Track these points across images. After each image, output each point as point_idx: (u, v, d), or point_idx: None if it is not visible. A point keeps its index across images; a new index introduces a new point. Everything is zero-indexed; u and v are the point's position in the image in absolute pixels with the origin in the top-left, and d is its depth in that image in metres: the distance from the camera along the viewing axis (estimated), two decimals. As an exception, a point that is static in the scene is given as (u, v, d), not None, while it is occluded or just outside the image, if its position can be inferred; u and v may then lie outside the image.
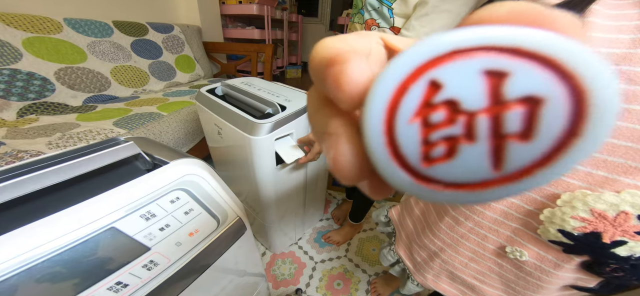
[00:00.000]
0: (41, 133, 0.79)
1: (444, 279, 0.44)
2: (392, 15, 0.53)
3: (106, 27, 1.21)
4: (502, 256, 0.34)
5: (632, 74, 0.20)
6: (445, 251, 0.40)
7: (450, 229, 0.38)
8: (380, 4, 0.53)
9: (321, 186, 1.01)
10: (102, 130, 0.84)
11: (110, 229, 0.26)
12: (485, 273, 0.37)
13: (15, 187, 0.24)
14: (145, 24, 1.38)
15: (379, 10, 0.54)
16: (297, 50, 3.76)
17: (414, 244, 0.47)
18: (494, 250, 0.34)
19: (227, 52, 1.84)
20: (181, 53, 1.53)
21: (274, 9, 2.56)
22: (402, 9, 0.50)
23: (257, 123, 0.57)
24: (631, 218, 0.21)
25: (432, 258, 0.43)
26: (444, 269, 0.42)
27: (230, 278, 0.50)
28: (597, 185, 0.22)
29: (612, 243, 0.22)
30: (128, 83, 1.24)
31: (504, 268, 0.35)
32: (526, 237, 0.30)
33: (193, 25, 1.67)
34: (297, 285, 0.92)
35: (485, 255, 0.36)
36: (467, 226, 0.35)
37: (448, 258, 0.40)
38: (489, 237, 0.33)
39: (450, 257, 0.40)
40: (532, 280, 0.32)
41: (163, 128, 0.95)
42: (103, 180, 0.31)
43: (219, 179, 0.40)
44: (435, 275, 0.44)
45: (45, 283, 0.22)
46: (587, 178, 0.23)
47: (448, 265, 0.41)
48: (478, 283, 0.39)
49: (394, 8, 0.52)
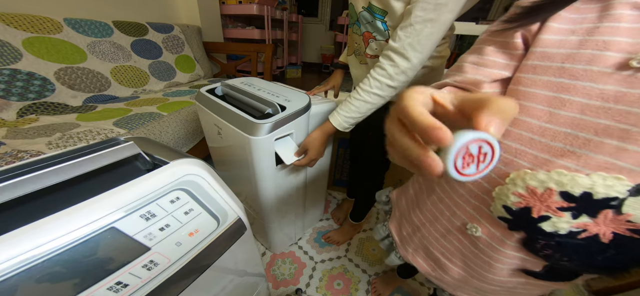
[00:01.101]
0: (41, 133, 0.79)
1: (420, 253, 0.48)
2: (386, 28, 0.53)
3: (106, 27, 1.21)
4: (463, 233, 0.37)
5: (574, 70, 0.23)
6: (425, 226, 0.44)
7: (433, 205, 0.42)
8: (373, 18, 0.53)
9: (321, 186, 1.01)
10: (102, 130, 0.84)
11: (110, 229, 0.26)
12: (451, 249, 0.40)
13: (15, 187, 0.24)
14: (145, 24, 1.38)
15: (372, 23, 0.54)
16: (297, 50, 3.76)
17: (404, 219, 0.51)
18: (458, 227, 0.38)
19: (227, 52, 1.84)
20: (181, 53, 1.53)
21: (274, 9, 2.56)
22: (393, 21, 0.50)
23: (257, 123, 0.57)
24: (554, 194, 0.24)
25: (415, 232, 0.47)
26: (421, 244, 0.46)
27: (230, 278, 0.50)
28: (539, 165, 0.25)
29: (539, 217, 0.26)
30: (128, 83, 1.24)
31: (464, 245, 0.38)
32: (482, 214, 0.33)
33: (193, 25, 1.67)
34: (297, 285, 0.93)
35: (452, 232, 0.39)
36: (446, 202, 0.39)
37: (426, 233, 0.44)
38: (457, 213, 0.37)
39: (428, 232, 0.44)
40: (484, 257, 0.35)
41: (163, 128, 0.95)
42: (103, 180, 0.31)
43: (219, 179, 0.40)
44: (414, 249, 0.49)
45: (45, 283, 0.22)
46: (533, 160, 0.26)
47: (425, 240, 0.45)
48: (444, 259, 0.42)
49: (387, 21, 0.52)
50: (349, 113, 0.57)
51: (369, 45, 0.59)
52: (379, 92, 0.51)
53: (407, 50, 0.44)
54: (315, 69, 4.35)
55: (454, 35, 2.03)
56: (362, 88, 0.54)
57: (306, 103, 0.66)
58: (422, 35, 0.42)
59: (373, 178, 0.90)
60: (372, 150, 0.83)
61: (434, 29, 0.42)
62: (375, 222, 1.23)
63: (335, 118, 0.59)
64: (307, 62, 4.41)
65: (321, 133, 0.62)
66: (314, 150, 0.62)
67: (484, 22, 1.77)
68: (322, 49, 4.15)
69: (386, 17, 0.50)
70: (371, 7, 0.51)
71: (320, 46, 4.18)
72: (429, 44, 0.44)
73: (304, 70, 3.97)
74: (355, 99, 0.55)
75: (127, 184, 0.28)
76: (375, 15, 0.52)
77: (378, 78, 0.50)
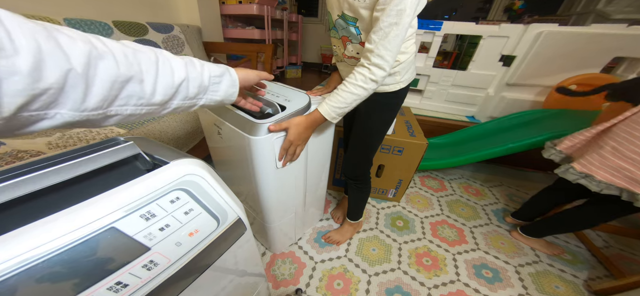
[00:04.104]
0: (41, 133, 0.79)
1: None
2: (358, 33, 0.60)
3: (106, 27, 1.21)
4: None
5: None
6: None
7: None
8: (346, 24, 0.60)
9: (321, 186, 1.01)
10: (102, 130, 0.84)
11: (110, 229, 0.26)
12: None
13: (15, 187, 0.24)
14: (145, 24, 1.38)
15: (346, 29, 0.62)
16: (297, 50, 3.75)
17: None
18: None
19: (227, 52, 1.84)
20: (181, 53, 1.53)
21: (274, 9, 2.56)
22: (363, 25, 0.58)
23: (257, 123, 0.57)
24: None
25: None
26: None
27: (230, 278, 0.50)
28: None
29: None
30: (128, 83, 1.24)
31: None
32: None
33: (193, 25, 1.67)
34: (297, 285, 0.92)
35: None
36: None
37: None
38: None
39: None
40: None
41: (163, 128, 0.95)
42: (103, 180, 0.31)
43: (219, 179, 0.40)
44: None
45: (45, 283, 0.22)
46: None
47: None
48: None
49: (358, 26, 0.59)
50: (336, 103, 0.61)
51: (346, 47, 0.66)
52: (363, 85, 0.58)
53: (380, 49, 0.53)
54: (315, 69, 4.35)
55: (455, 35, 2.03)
56: (348, 82, 0.59)
57: (306, 103, 0.66)
58: (390, 36, 0.52)
59: (357, 176, 0.92)
60: (353, 148, 0.86)
61: (398, 31, 0.51)
62: (375, 221, 1.23)
63: (323, 107, 0.62)
64: (307, 62, 4.41)
65: (305, 119, 0.62)
66: (293, 132, 0.61)
67: (484, 22, 1.77)
68: (322, 49, 4.15)
69: (357, 22, 0.59)
70: (344, 16, 0.60)
71: (320, 46, 4.18)
72: (395, 42, 0.53)
73: (304, 70, 3.97)
74: (342, 91, 0.60)
75: (127, 184, 0.28)
76: (348, 22, 0.60)
77: (362, 72, 0.57)
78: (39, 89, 0.22)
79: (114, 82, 0.28)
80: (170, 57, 0.35)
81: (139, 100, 0.31)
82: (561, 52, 1.35)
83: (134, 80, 0.30)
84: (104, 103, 0.27)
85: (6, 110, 0.21)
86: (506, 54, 1.48)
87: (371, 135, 0.80)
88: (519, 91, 1.55)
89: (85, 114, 0.26)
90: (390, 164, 1.20)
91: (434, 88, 1.75)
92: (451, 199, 1.44)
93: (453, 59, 1.97)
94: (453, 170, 1.72)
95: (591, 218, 0.89)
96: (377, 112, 0.74)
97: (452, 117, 1.75)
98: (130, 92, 0.30)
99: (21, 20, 0.21)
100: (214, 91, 0.42)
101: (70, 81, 0.24)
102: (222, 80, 0.43)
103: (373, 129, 0.78)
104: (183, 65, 0.36)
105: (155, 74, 0.32)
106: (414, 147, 1.12)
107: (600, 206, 0.85)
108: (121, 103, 0.29)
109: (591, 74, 1.34)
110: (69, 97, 0.24)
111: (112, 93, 0.28)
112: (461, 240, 1.16)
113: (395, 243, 1.12)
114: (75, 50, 0.24)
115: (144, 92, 0.31)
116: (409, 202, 1.39)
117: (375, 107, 0.73)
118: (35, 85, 0.21)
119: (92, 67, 0.25)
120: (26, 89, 0.21)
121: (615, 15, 1.86)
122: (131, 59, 0.29)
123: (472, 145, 1.49)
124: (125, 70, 0.28)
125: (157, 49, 0.34)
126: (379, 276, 0.97)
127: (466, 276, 0.99)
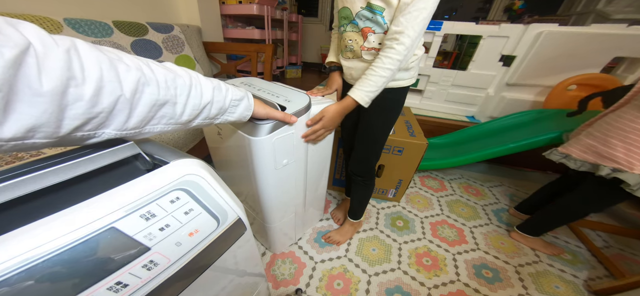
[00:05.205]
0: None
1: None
2: (385, 22, 0.62)
3: (106, 27, 1.21)
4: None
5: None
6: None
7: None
8: (373, 14, 0.61)
9: (321, 186, 1.01)
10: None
11: (110, 229, 0.26)
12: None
13: (15, 187, 0.24)
14: (145, 23, 1.38)
15: (372, 19, 0.63)
16: (297, 50, 3.75)
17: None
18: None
19: (227, 52, 1.84)
20: (181, 53, 1.53)
21: (274, 9, 2.56)
22: (390, 15, 0.60)
23: (257, 123, 0.57)
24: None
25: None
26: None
27: (230, 278, 0.50)
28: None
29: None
30: (128, 83, 1.24)
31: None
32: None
33: (193, 25, 1.67)
34: (297, 285, 0.93)
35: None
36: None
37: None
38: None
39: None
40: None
41: (163, 128, 0.95)
42: (103, 180, 0.31)
43: (219, 179, 0.40)
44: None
45: (45, 283, 0.22)
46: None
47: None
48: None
49: (385, 15, 0.61)
50: (369, 88, 0.64)
51: (367, 38, 0.67)
52: (390, 66, 0.61)
53: (409, 29, 0.57)
54: (315, 68, 4.35)
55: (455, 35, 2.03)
56: (376, 66, 0.63)
57: (306, 103, 0.66)
58: (420, 19, 0.55)
59: (365, 172, 0.92)
60: (361, 143, 0.87)
61: (426, 14, 0.55)
62: (375, 221, 1.23)
63: (356, 94, 0.65)
64: (307, 62, 4.41)
65: (340, 107, 0.68)
66: (328, 119, 0.68)
67: (484, 22, 1.77)
68: (322, 49, 4.15)
69: (384, 12, 0.61)
70: (370, 5, 0.61)
71: (320, 46, 4.18)
72: (422, 25, 0.57)
73: (304, 70, 3.97)
74: (372, 76, 0.63)
75: (127, 184, 0.28)
76: (375, 12, 0.61)
77: (388, 54, 0.61)
78: (94, 113, 0.24)
79: (153, 105, 0.30)
80: (202, 80, 0.38)
81: (169, 120, 0.34)
82: (561, 52, 1.35)
83: (169, 103, 0.32)
84: (141, 123, 0.30)
85: (64, 130, 0.23)
86: (506, 54, 1.48)
87: (381, 130, 0.82)
88: (519, 91, 1.55)
89: (125, 133, 0.29)
90: (390, 164, 1.20)
91: (434, 88, 1.75)
92: (451, 199, 1.44)
93: (453, 59, 1.97)
94: (453, 170, 1.72)
95: (580, 203, 0.94)
96: (386, 110, 0.77)
97: (452, 117, 1.75)
98: (164, 113, 0.32)
99: (89, 48, 0.24)
100: (231, 113, 0.45)
101: (119, 105, 0.26)
102: (240, 103, 0.46)
103: (382, 125, 0.81)
104: (211, 89, 0.39)
105: (187, 96, 0.35)
106: (414, 147, 1.12)
107: (586, 190, 0.92)
108: (155, 123, 0.32)
109: (591, 74, 1.34)
110: (116, 118, 0.27)
111: (149, 115, 0.30)
112: (461, 240, 1.16)
113: (395, 243, 1.12)
114: (129, 78, 0.27)
115: (175, 113, 0.34)
116: (409, 202, 1.39)
117: (386, 105, 0.75)
118: (92, 110, 0.24)
119: (138, 92, 0.28)
120: (85, 113, 0.24)
121: (615, 15, 1.86)
122: (170, 83, 0.32)
123: (472, 145, 1.49)
124: (164, 95, 0.31)
125: (192, 71, 0.37)
126: (379, 276, 0.97)
127: (466, 276, 0.99)
